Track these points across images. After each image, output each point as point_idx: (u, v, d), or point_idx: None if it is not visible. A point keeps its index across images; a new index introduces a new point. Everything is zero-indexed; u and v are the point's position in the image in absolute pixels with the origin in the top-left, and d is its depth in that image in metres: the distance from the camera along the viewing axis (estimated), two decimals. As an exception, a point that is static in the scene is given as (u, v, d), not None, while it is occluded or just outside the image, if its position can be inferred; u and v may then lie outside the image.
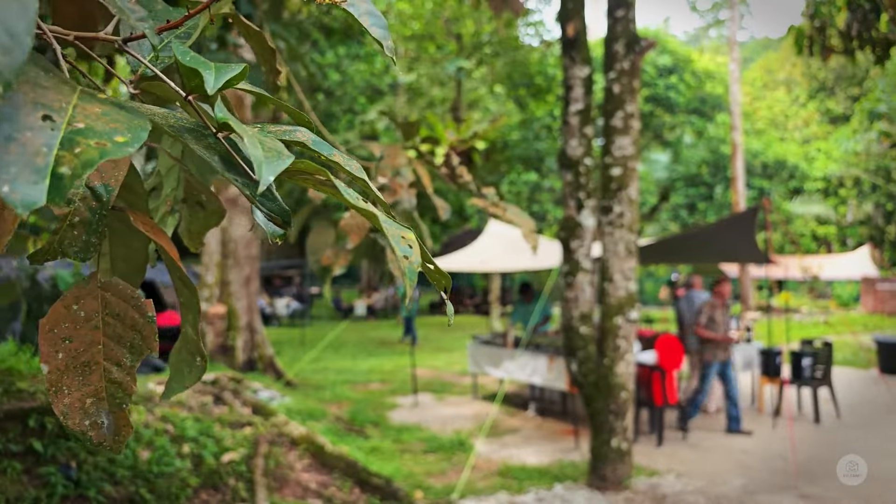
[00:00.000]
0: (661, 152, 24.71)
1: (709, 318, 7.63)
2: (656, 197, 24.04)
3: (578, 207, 5.83)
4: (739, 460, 6.70)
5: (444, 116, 17.02)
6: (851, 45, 9.91)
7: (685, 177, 23.15)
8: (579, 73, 5.77)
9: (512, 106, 18.17)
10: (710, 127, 22.99)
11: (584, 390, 5.87)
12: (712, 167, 22.53)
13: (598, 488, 5.77)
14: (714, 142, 22.50)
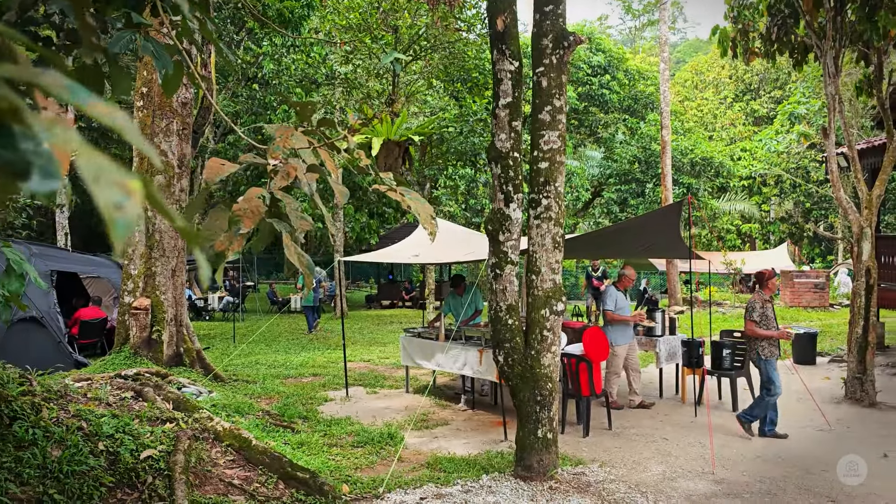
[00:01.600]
0: (595, 149, 25.20)
1: (761, 314, 7.12)
2: (590, 193, 24.51)
3: (507, 200, 5.88)
4: (661, 448, 6.90)
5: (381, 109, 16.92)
6: (772, 48, 10.31)
7: (618, 173, 23.66)
8: (508, 66, 5.81)
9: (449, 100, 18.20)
10: (642, 125, 23.54)
11: (511, 381, 5.94)
12: (644, 164, 23.10)
13: (524, 478, 5.85)
14: (646, 140, 23.06)
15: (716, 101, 39.57)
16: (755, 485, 5.83)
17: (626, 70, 23.11)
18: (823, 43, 8.90)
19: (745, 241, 34.05)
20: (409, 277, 29.02)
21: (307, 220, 1.49)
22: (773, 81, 37.05)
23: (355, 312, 21.91)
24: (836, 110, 9.12)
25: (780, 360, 11.36)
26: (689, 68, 45.05)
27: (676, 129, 24.24)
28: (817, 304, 19.85)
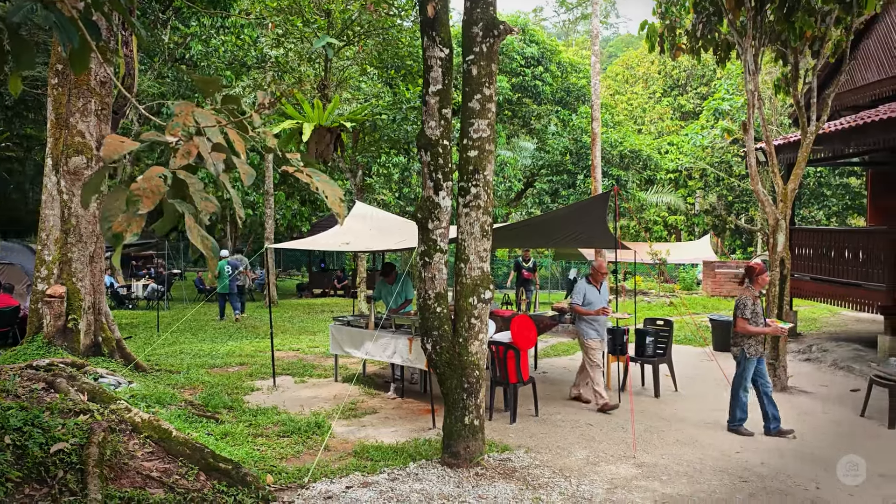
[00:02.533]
0: (528, 140, 25.45)
1: (752, 311, 6.96)
2: (522, 183, 24.76)
3: (436, 188, 5.87)
4: (585, 433, 7.05)
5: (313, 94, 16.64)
6: (697, 45, 10.59)
7: (550, 164, 23.95)
8: (439, 53, 5.78)
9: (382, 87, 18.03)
10: (574, 117, 23.89)
11: (439, 369, 5.95)
12: (575, 156, 23.45)
13: (451, 465, 5.88)
14: (577, 132, 23.42)
15: (645, 95, 40.55)
16: (674, 467, 6.03)
17: (559, 62, 23.40)
18: (744, 41, 9.20)
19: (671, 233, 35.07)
20: (342, 266, 28.74)
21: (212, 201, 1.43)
22: (699, 78, 38.19)
23: (286, 301, 21.57)
24: (755, 106, 9.45)
25: (701, 346, 11.81)
26: (620, 63, 45.99)
27: (607, 122, 24.72)
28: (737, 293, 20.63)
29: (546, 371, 10.33)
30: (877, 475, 5.91)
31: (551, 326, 9.38)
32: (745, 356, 7.01)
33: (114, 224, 1.29)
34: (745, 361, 7.02)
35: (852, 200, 26.57)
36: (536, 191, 24.58)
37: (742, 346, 7.03)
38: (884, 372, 7.59)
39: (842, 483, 5.69)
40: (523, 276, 16.36)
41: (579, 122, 23.17)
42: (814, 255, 12.34)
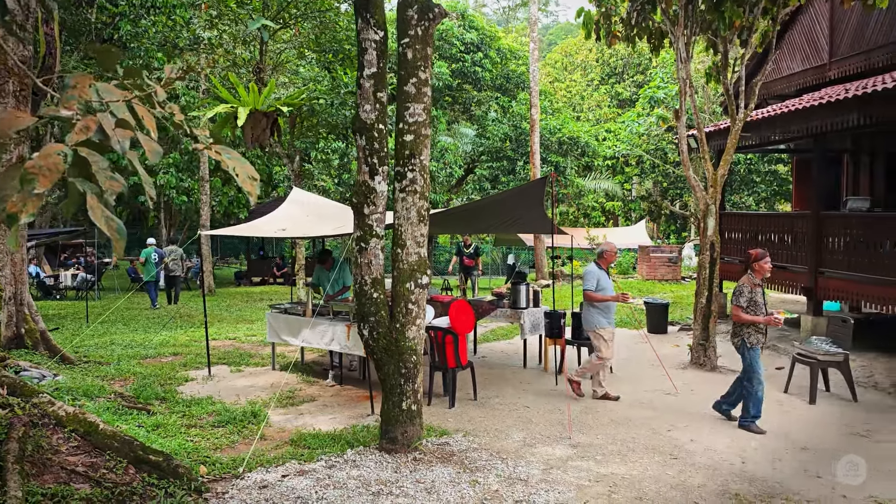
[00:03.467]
0: (468, 126, 25.49)
1: (749, 299, 6.62)
2: (463, 169, 24.82)
3: (372, 173, 5.81)
4: (522, 416, 7.14)
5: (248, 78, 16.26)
6: (632, 33, 10.76)
7: (490, 150, 24.07)
8: (373, 36, 5.71)
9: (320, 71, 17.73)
10: (514, 104, 24.03)
11: (376, 355, 5.92)
12: (515, 142, 23.62)
13: (389, 451, 5.87)
14: (517, 118, 23.57)
15: (583, 83, 41.09)
16: (607, 446, 6.16)
17: (499, 49, 23.46)
18: (676, 29, 9.39)
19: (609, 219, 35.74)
20: (282, 253, 28.31)
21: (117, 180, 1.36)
22: (636, 66, 38.90)
23: (223, 290, 21.13)
24: (686, 94, 9.68)
25: (636, 329, 12.09)
26: (559, 50, 46.44)
27: (546, 109, 24.96)
28: (670, 277, 21.22)
29: (485, 356, 10.41)
30: (799, 448, 6.17)
31: (490, 311, 9.45)
32: (747, 346, 6.61)
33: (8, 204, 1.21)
34: (748, 352, 6.61)
35: (780, 187, 27.56)
36: (477, 177, 24.68)
37: (742, 336, 6.64)
38: (805, 350, 7.92)
39: (765, 455, 5.92)
40: (464, 262, 16.11)
41: (519, 108, 23.32)
42: (742, 240, 12.76)
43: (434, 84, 20.61)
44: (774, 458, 5.91)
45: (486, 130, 24.02)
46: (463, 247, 16.46)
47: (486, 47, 22.43)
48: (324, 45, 16.16)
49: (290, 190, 11.82)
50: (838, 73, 11.93)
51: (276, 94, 15.55)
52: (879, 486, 5.30)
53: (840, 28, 11.93)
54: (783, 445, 6.24)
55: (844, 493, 5.16)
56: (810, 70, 12.70)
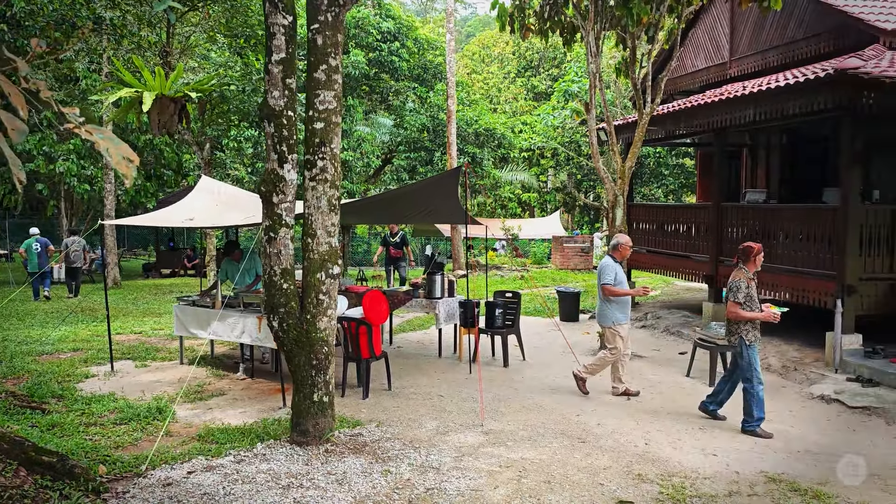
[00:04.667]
0: (386, 116, 25.33)
1: (747, 295, 6.29)
2: (380, 159, 24.66)
3: (281, 161, 5.69)
4: (436, 405, 7.18)
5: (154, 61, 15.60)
6: (545, 26, 10.92)
7: (408, 141, 24.00)
8: (281, 20, 5.57)
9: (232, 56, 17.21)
10: (431, 95, 24.03)
11: (286, 347, 5.82)
12: (432, 133, 23.64)
13: (300, 443, 5.79)
14: (434, 109, 23.59)
15: (500, 75, 41.54)
16: (518, 433, 6.28)
17: (416, 39, 23.38)
18: (586, 24, 9.60)
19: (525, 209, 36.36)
20: (193, 244, 27.41)
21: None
22: (551, 60, 39.62)
23: (130, 282, 20.28)
24: (596, 88, 9.92)
25: (549, 317, 12.36)
26: (476, 42, 46.74)
27: (463, 100, 25.08)
28: (583, 266, 21.80)
29: (401, 346, 10.41)
30: (697, 428, 6.46)
31: (405, 301, 9.44)
32: (746, 344, 6.30)
33: None
34: (747, 350, 6.30)
35: (687, 179, 28.70)
36: (395, 167, 24.57)
37: (740, 334, 6.32)
38: (705, 335, 8.29)
39: (667, 436, 6.18)
40: (391, 252, 14.72)
41: (436, 99, 23.34)
42: (649, 230, 13.23)
43: (351, 73, 20.36)
44: (675, 439, 6.17)
45: (404, 121, 23.93)
46: (389, 236, 15.05)
47: (403, 37, 22.31)
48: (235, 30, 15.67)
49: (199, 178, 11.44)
50: (738, 71, 12.49)
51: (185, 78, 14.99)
52: (768, 461, 5.62)
53: (739, 28, 12.49)
54: (683, 427, 6.52)
55: (737, 468, 5.44)
56: (713, 67, 13.26)
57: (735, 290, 6.29)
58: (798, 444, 6.05)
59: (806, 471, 5.43)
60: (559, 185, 33.85)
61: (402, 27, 22.26)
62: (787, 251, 9.31)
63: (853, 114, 7.95)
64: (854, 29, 9.69)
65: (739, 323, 6.32)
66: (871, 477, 5.33)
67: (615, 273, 7.37)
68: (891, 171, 10.75)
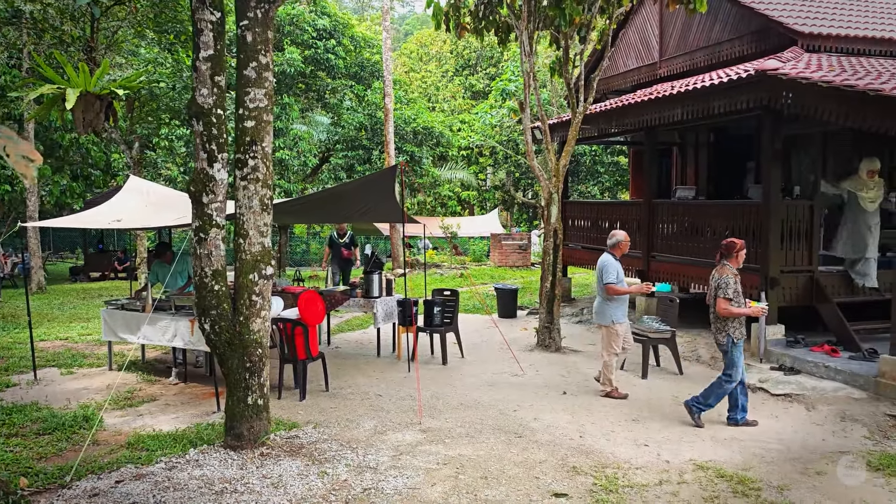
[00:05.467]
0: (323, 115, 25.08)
1: (735, 290, 6.23)
2: (318, 158, 24.41)
3: (210, 160, 5.56)
4: (374, 404, 7.15)
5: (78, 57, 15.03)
6: (480, 25, 10.98)
7: (345, 139, 23.83)
8: (209, 16, 5.45)
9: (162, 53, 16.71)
10: (368, 93, 23.90)
11: (219, 349, 5.70)
12: (370, 132, 23.53)
13: (234, 448, 5.69)
14: (372, 107, 23.48)
15: (438, 74, 41.62)
16: (456, 430, 6.31)
17: (353, 36, 23.20)
18: (520, 24, 9.70)
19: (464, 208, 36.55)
20: (123, 247, 26.57)
21: None
22: (488, 59, 39.91)
23: (57, 286, 19.50)
24: (531, 87, 10.04)
25: (487, 314, 12.46)
26: (414, 40, 46.70)
27: (400, 99, 25.05)
28: (521, 263, 22.06)
29: (339, 346, 10.33)
30: (630, 420, 6.62)
31: (342, 301, 9.37)
32: (733, 341, 6.29)
33: None
34: (732, 348, 6.30)
35: (621, 177, 29.36)
36: (332, 166, 24.36)
37: (727, 331, 6.29)
38: (638, 329, 8.50)
39: (601, 429, 6.31)
40: (343, 254, 13.60)
41: (374, 97, 23.23)
42: (585, 227, 13.48)
43: (286, 70, 20.07)
44: (608, 431, 6.31)
45: (342, 119, 23.75)
46: (337, 236, 13.85)
47: (339, 34, 22.10)
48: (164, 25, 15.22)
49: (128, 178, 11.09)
50: (667, 71, 12.84)
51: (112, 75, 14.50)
52: (696, 449, 5.80)
53: (668, 30, 12.84)
54: (616, 419, 6.67)
55: (667, 458, 5.60)
56: (644, 68, 13.59)
57: (724, 286, 6.24)
58: (724, 433, 6.27)
59: (732, 457, 5.63)
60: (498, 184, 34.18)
61: (339, 25, 22.07)
62: (716, 247, 9.61)
63: (773, 113, 8.28)
64: (775, 32, 10.08)
65: (728, 320, 6.28)
66: (792, 461, 5.57)
67: (617, 271, 7.30)
68: (810, 168, 11.24)
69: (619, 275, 7.31)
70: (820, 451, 5.83)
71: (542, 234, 10.57)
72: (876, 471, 5.37)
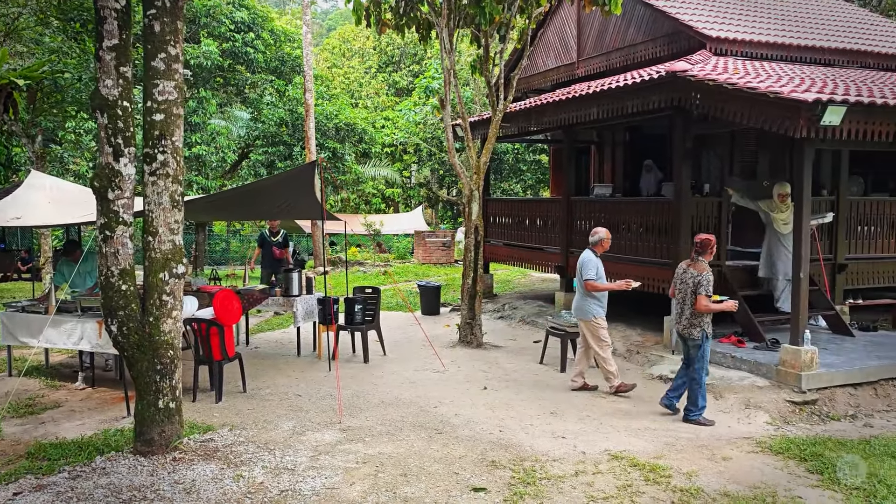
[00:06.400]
0: (242, 109, 24.46)
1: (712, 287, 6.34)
2: (237, 154, 23.81)
3: (116, 154, 5.32)
4: (293, 404, 7.02)
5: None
6: (401, 22, 10.94)
7: (265, 135, 23.31)
8: (113, 4, 5.21)
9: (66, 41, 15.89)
10: (290, 88, 23.45)
11: (127, 352, 5.47)
12: (291, 127, 23.09)
13: (144, 454, 5.47)
14: (293, 103, 23.04)
15: (361, 70, 41.27)
16: (377, 428, 6.27)
17: (273, 30, 22.68)
18: (440, 21, 9.71)
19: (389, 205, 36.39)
20: (29, 246, 25.18)
21: None
22: (412, 56, 39.84)
23: (-48, 288, 18.32)
24: (451, 83, 10.07)
25: (411, 312, 12.44)
26: (337, 36, 46.15)
27: (322, 95, 24.67)
28: (444, 260, 22.14)
29: (258, 346, 10.11)
30: (549, 413, 6.74)
31: (261, 300, 9.16)
32: (706, 337, 6.40)
33: None
34: (705, 343, 6.40)
35: (543, 175, 29.86)
36: (252, 162, 23.80)
37: (702, 327, 6.37)
38: (556, 323, 8.66)
39: (520, 423, 6.39)
40: (274, 254, 11.99)
41: (295, 93, 22.80)
42: (507, 224, 13.65)
43: (203, 63, 19.46)
44: (527, 424, 6.40)
45: (262, 114, 23.21)
46: (269, 234, 12.22)
47: (258, 28, 21.56)
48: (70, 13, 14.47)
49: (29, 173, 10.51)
50: (585, 71, 13.13)
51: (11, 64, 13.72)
52: (611, 440, 5.96)
53: (586, 30, 13.13)
54: (536, 412, 6.78)
55: (584, 449, 5.73)
56: (562, 67, 13.85)
57: (706, 283, 6.29)
58: (638, 423, 6.47)
59: (645, 446, 5.81)
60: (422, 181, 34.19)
61: (258, 18, 21.54)
62: (632, 242, 9.92)
63: (684, 113, 8.58)
64: (685, 35, 10.45)
65: (703, 316, 6.35)
66: (701, 448, 5.79)
67: (597, 267, 7.38)
68: (719, 167, 11.72)
69: (598, 271, 7.38)
70: (726, 437, 6.09)
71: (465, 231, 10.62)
72: (776, 455, 5.65)
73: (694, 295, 6.35)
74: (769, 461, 5.52)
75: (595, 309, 7.43)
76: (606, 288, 7.44)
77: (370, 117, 31.29)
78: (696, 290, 6.33)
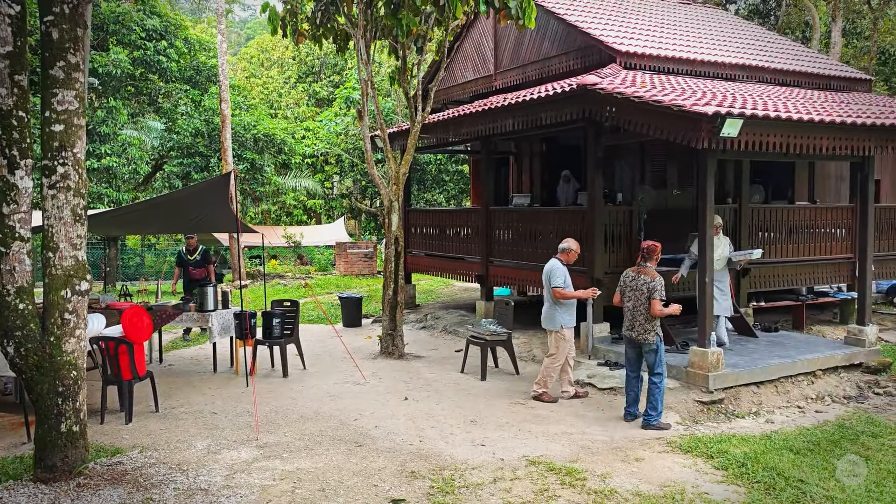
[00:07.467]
0: (156, 120, 23.73)
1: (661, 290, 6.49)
2: (150, 165, 23.06)
3: (11, 167, 5.07)
4: (209, 423, 6.83)
5: None
6: (318, 32, 10.86)
7: (180, 146, 22.70)
8: (7, 9, 4.97)
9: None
10: (206, 98, 22.91)
11: (25, 374, 5.20)
12: (208, 138, 22.55)
13: (46, 481, 5.20)
14: (209, 113, 22.52)
15: (281, 80, 40.71)
16: (295, 443, 6.17)
17: (187, 38, 22.13)
18: (357, 32, 9.70)
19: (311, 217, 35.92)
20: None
21: None
22: (332, 66, 39.56)
23: None
24: (369, 94, 10.07)
25: (332, 324, 12.31)
26: (255, 45, 45.40)
27: (240, 105, 24.23)
28: (367, 271, 22.03)
29: (172, 364, 9.77)
30: (469, 421, 6.79)
31: (175, 316, 8.88)
32: (660, 340, 6.60)
33: None
34: (660, 345, 6.58)
35: (466, 185, 30.13)
36: (167, 174, 23.10)
37: (655, 331, 6.54)
38: (476, 332, 8.75)
39: (441, 432, 6.41)
40: (191, 275, 11.46)
41: (211, 102, 22.31)
42: (428, 234, 13.70)
43: (112, 72, 18.77)
44: (447, 433, 6.43)
45: (176, 125, 22.59)
46: (186, 252, 11.65)
47: (171, 36, 20.98)
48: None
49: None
50: (502, 83, 13.35)
51: None
52: (530, 446, 6.06)
53: (502, 43, 13.37)
54: (455, 421, 6.81)
55: (502, 456, 5.80)
56: (480, 79, 14.05)
57: (660, 288, 6.45)
58: (556, 427, 6.60)
59: (562, 451, 5.93)
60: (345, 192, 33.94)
61: (171, 26, 20.98)
62: (550, 251, 10.10)
63: (595, 124, 8.86)
64: (597, 49, 10.78)
65: (655, 320, 6.51)
66: (615, 450, 5.96)
67: (564, 276, 7.44)
68: (630, 176, 12.13)
69: (566, 279, 7.46)
70: (639, 439, 6.29)
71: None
72: (685, 453, 5.87)
73: (648, 301, 6.48)
74: (679, 460, 5.73)
75: (563, 318, 7.50)
76: (574, 296, 7.54)
77: (290, 128, 30.88)
78: (651, 295, 6.47)
